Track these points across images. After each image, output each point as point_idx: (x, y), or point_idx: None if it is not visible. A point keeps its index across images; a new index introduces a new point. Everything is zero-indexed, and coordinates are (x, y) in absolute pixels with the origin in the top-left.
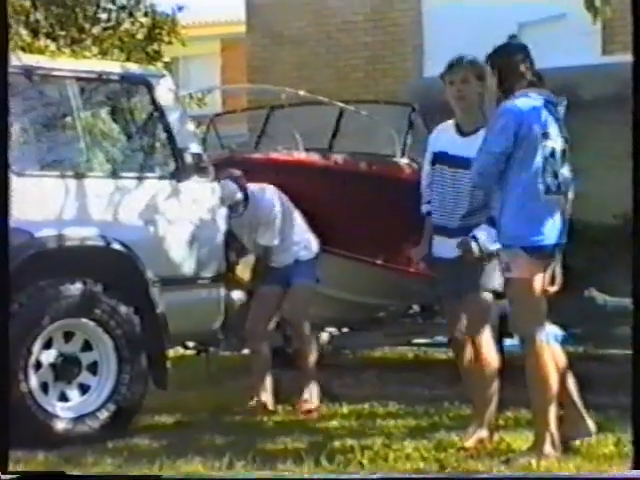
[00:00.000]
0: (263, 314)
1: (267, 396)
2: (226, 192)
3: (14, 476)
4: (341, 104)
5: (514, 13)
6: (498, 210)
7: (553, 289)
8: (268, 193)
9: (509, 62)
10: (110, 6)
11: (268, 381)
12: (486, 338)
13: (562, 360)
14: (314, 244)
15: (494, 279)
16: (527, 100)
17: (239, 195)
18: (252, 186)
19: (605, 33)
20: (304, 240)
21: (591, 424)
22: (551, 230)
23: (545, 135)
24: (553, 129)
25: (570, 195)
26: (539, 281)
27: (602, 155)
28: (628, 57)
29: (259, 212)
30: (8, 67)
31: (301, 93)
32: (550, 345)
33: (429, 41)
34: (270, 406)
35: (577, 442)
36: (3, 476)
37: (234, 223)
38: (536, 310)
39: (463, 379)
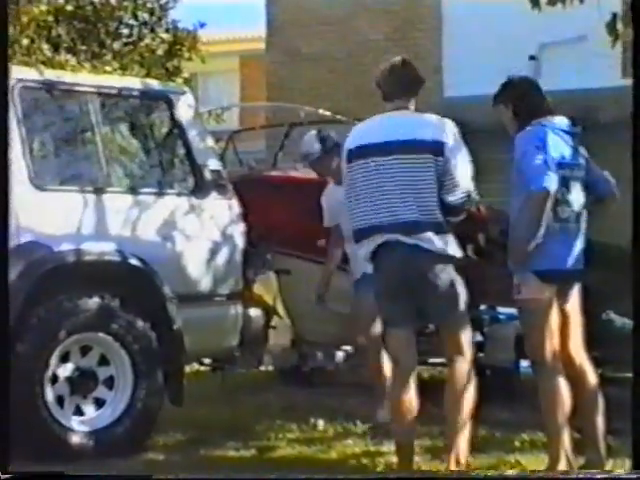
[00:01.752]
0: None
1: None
2: (304, 142)
3: (14, 476)
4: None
5: (534, 34)
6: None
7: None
8: None
9: (522, 96)
10: (132, 22)
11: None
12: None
13: (592, 382)
14: None
15: None
16: (542, 129)
17: (316, 146)
18: None
19: (625, 56)
20: None
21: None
22: (563, 256)
23: (559, 165)
24: (567, 157)
25: (584, 222)
26: (550, 304)
27: (621, 177)
28: None
29: None
30: (8, 81)
31: (320, 111)
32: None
33: (449, 62)
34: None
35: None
36: (3, 476)
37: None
38: (547, 332)
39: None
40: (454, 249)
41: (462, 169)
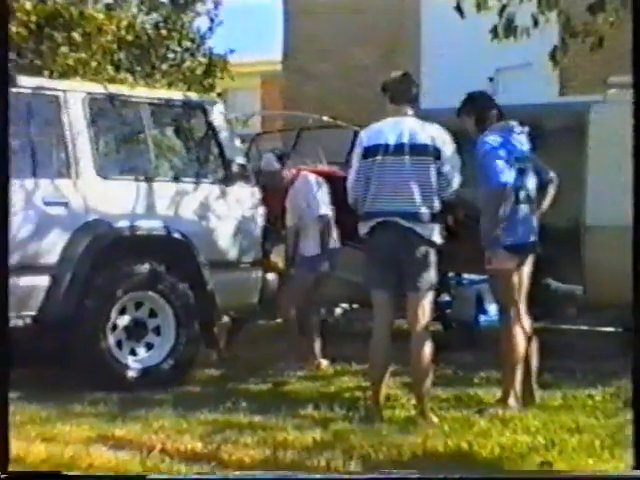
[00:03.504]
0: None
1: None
2: (264, 162)
3: (14, 476)
4: (356, 127)
5: (492, 61)
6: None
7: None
8: (308, 178)
9: (481, 107)
10: (177, 48)
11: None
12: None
13: (529, 331)
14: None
15: None
16: (500, 133)
17: (275, 165)
18: (303, 173)
19: (561, 78)
20: None
21: (537, 397)
22: (523, 231)
23: (516, 159)
24: (520, 153)
25: (535, 203)
26: (514, 271)
27: (559, 173)
28: (579, 97)
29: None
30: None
31: (324, 118)
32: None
33: (426, 80)
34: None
35: (535, 396)
36: (2, 475)
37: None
38: (512, 293)
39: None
40: (437, 237)
41: (453, 172)
